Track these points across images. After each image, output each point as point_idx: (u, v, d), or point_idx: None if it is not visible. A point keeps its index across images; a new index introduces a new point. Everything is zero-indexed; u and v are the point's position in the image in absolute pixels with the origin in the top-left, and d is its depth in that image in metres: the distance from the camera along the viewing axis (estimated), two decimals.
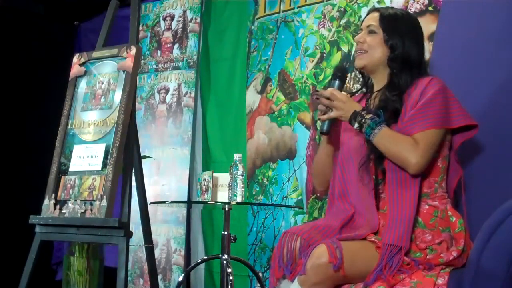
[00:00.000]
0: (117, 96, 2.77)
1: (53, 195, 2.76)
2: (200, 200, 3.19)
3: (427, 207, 2.14)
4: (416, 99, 2.15)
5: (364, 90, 2.46)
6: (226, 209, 3.17)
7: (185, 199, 4.17)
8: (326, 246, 2.02)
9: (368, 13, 2.36)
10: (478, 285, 1.89)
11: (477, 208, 2.30)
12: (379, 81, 2.31)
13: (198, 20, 4.39)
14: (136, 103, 3.19)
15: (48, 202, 2.76)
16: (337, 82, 2.30)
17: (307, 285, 2.02)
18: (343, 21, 3.54)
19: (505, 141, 2.44)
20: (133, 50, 2.78)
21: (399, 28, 2.26)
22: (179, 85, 4.41)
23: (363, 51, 2.29)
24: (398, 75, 2.23)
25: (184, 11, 4.48)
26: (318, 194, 3.54)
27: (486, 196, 2.37)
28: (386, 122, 2.14)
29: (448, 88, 2.19)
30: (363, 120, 2.12)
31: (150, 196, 3.21)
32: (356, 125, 2.14)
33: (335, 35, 3.58)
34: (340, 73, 2.31)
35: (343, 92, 2.22)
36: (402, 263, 2.03)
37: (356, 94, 2.47)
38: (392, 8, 2.39)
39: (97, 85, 2.88)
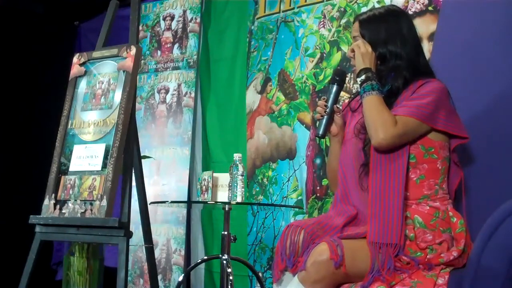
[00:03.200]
0: (117, 96, 2.77)
1: (53, 195, 2.76)
2: (200, 200, 3.19)
3: (428, 208, 2.14)
4: (409, 94, 2.16)
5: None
6: (226, 209, 3.17)
7: (185, 199, 4.17)
8: (327, 243, 2.03)
9: (353, 23, 2.36)
10: (478, 285, 1.89)
11: (477, 208, 2.30)
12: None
13: (198, 20, 4.40)
14: (136, 103, 3.19)
15: (48, 202, 2.76)
16: (335, 87, 2.32)
17: (308, 283, 2.02)
18: (343, 21, 3.54)
19: (505, 141, 2.44)
20: (133, 50, 2.78)
21: (380, 33, 2.23)
22: (179, 85, 4.41)
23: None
24: (385, 80, 2.22)
25: (184, 11, 4.48)
26: (318, 194, 3.54)
27: (486, 196, 2.37)
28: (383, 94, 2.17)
29: (448, 93, 2.18)
30: (364, 79, 2.18)
31: (150, 196, 3.21)
32: (358, 81, 2.20)
33: (335, 35, 3.58)
34: (338, 78, 2.32)
35: (367, 47, 2.23)
36: (399, 260, 2.04)
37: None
38: (370, 10, 2.36)
39: (97, 85, 2.88)
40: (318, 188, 3.55)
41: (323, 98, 2.33)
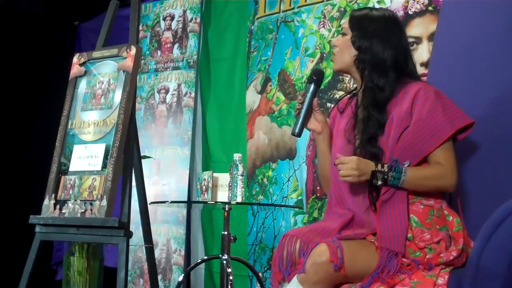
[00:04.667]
0: (117, 96, 2.77)
1: (53, 195, 2.76)
2: (200, 200, 3.19)
3: (422, 207, 2.14)
4: (405, 106, 2.14)
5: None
6: (226, 209, 3.17)
7: (185, 199, 4.17)
8: (326, 245, 2.02)
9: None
10: (478, 285, 1.89)
11: (477, 208, 2.30)
12: (359, 82, 2.30)
13: (198, 20, 4.39)
14: (136, 103, 3.19)
15: (48, 202, 2.76)
16: (312, 86, 2.32)
17: (307, 284, 2.02)
18: (343, 21, 3.53)
19: (505, 140, 2.44)
20: (133, 50, 2.78)
21: (367, 29, 2.23)
22: (179, 85, 4.41)
23: (335, 55, 2.32)
24: (368, 77, 2.21)
25: (184, 11, 4.48)
26: (318, 194, 3.54)
27: (486, 196, 2.37)
28: (374, 134, 2.15)
29: (440, 91, 2.18)
30: (386, 175, 2.09)
31: (150, 196, 3.21)
32: (379, 182, 2.09)
33: (335, 35, 3.57)
34: (316, 77, 2.32)
35: (352, 157, 2.13)
36: (401, 265, 2.04)
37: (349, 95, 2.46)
38: (366, 8, 2.38)
39: (97, 85, 2.88)
40: (318, 188, 3.55)
41: (302, 94, 2.36)
